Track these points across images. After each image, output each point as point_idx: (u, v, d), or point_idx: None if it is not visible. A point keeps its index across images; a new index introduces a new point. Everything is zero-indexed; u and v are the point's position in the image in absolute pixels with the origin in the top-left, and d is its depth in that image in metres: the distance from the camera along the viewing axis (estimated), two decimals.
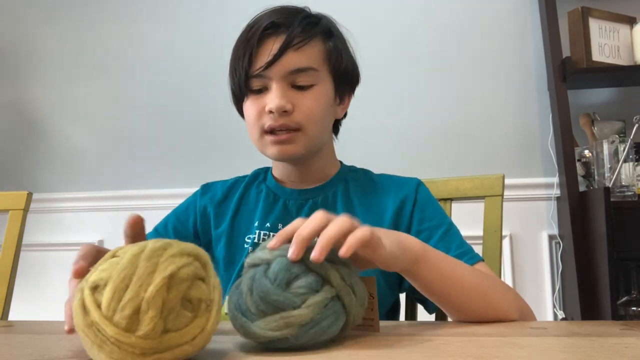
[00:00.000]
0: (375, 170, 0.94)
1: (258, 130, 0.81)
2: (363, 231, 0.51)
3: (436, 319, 0.89)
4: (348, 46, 0.88)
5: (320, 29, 0.83)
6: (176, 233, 0.91)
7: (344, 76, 0.86)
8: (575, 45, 1.81)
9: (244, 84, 0.81)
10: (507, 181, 1.01)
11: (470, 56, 1.99)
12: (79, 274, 0.50)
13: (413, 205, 0.84)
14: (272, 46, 0.79)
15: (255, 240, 0.85)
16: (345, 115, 0.92)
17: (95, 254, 0.53)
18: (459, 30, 2.00)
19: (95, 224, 2.18)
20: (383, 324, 0.61)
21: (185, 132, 2.17)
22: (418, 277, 0.63)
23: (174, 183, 2.13)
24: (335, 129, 0.92)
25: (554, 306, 1.86)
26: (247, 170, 0.97)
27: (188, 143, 2.16)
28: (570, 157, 1.75)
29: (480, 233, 0.96)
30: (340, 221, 0.51)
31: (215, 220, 0.90)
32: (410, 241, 0.62)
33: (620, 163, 1.66)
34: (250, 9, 0.85)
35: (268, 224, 0.86)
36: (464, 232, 0.83)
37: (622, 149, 1.67)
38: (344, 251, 0.49)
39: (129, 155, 2.21)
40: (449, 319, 0.71)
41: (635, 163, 1.66)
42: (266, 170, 0.95)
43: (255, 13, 0.84)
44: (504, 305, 0.67)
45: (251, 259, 0.53)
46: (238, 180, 0.95)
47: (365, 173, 0.93)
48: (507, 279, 1.88)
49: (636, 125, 1.68)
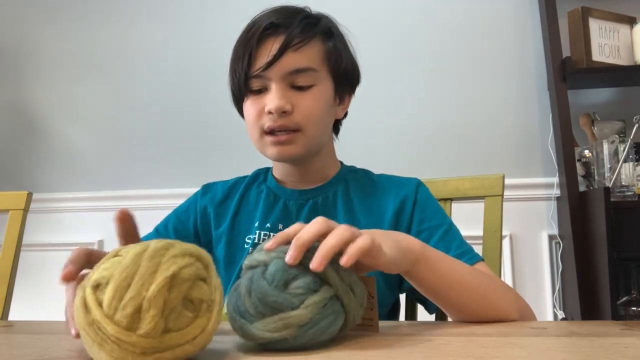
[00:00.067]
0: (376, 170, 0.94)
1: (258, 131, 0.81)
2: (363, 240, 0.51)
3: (436, 319, 0.89)
4: (348, 46, 0.88)
5: (319, 29, 0.82)
6: (176, 233, 0.91)
7: (344, 76, 0.86)
8: (575, 45, 1.81)
9: (243, 85, 0.81)
10: (507, 181, 1.01)
11: (470, 56, 1.99)
12: (67, 278, 0.50)
13: (413, 206, 0.84)
14: (272, 47, 0.79)
15: (256, 240, 0.85)
16: (345, 115, 0.92)
17: (86, 257, 0.52)
18: (459, 30, 2.00)
19: (95, 224, 2.18)
20: (383, 324, 0.61)
21: (185, 132, 2.17)
22: (418, 278, 0.63)
23: (174, 183, 2.13)
24: (336, 129, 0.92)
25: (554, 306, 1.86)
26: (248, 170, 0.97)
27: (188, 143, 2.17)
28: (570, 157, 1.75)
29: (480, 233, 0.96)
30: (340, 230, 0.51)
31: (215, 221, 0.90)
32: (409, 241, 0.62)
33: (620, 163, 1.66)
34: (250, 9, 0.85)
35: (268, 224, 0.86)
36: (464, 232, 0.83)
37: (622, 149, 1.67)
38: (344, 261, 0.50)
39: (129, 155, 2.21)
40: (449, 319, 0.71)
41: (635, 163, 1.66)
42: (266, 170, 0.95)
43: (255, 13, 0.84)
44: (504, 305, 0.67)
45: (249, 260, 0.53)
46: (238, 181, 0.95)
47: (366, 173, 0.93)
48: (507, 279, 1.88)
49: (636, 125, 1.68)
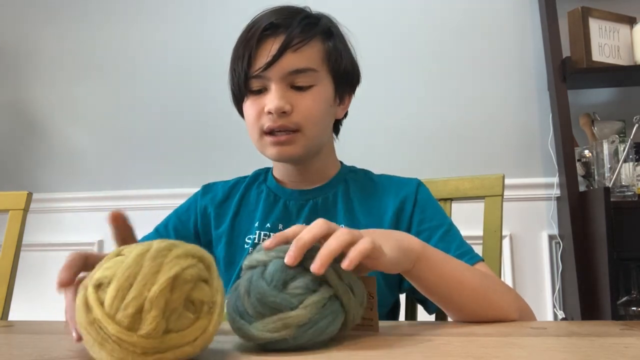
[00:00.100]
0: (376, 170, 0.94)
1: (257, 131, 0.81)
2: (364, 243, 0.51)
3: (436, 319, 0.89)
4: (348, 46, 0.88)
5: (319, 30, 0.82)
6: (177, 233, 0.91)
7: (344, 76, 0.86)
8: (575, 45, 1.81)
9: (243, 85, 0.81)
10: (507, 181, 1.01)
11: (470, 56, 1.99)
12: (64, 284, 0.50)
13: (413, 206, 0.84)
14: (271, 47, 0.79)
15: (256, 240, 0.85)
16: (345, 116, 0.92)
17: (82, 261, 0.52)
18: (459, 30, 2.00)
19: (95, 224, 2.17)
20: (383, 324, 0.61)
21: (185, 132, 2.17)
22: (418, 277, 0.63)
23: (174, 183, 2.13)
24: (336, 129, 0.92)
25: (554, 306, 1.86)
26: (248, 170, 0.97)
27: (188, 143, 2.17)
28: (570, 157, 1.75)
29: (480, 233, 0.96)
30: (341, 234, 0.51)
31: (215, 221, 0.90)
32: (410, 241, 0.62)
33: (620, 163, 1.66)
34: (250, 9, 0.85)
35: (268, 225, 0.86)
36: (464, 232, 0.83)
37: (622, 149, 1.67)
38: (346, 265, 0.49)
39: (129, 155, 2.21)
40: (449, 319, 0.71)
41: (635, 163, 1.66)
42: (267, 170, 0.95)
43: (255, 13, 0.84)
44: (504, 305, 0.67)
45: (248, 261, 0.53)
46: (239, 181, 0.95)
47: (366, 173, 0.93)
48: (507, 279, 1.88)
49: (636, 125, 1.68)
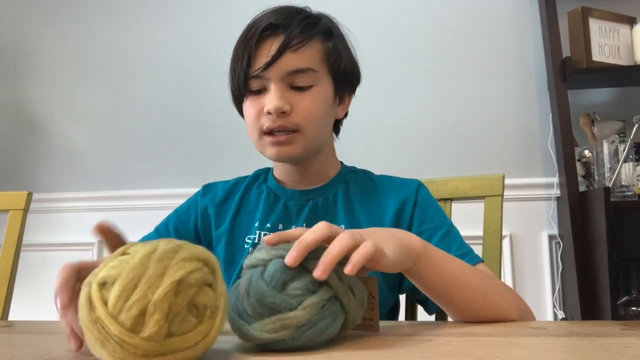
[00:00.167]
0: (376, 170, 0.94)
1: (257, 131, 0.81)
2: (367, 247, 0.51)
3: (436, 319, 0.89)
4: (348, 46, 0.88)
5: (319, 30, 0.82)
6: (177, 233, 0.91)
7: (344, 76, 0.85)
8: (575, 45, 1.81)
9: (243, 85, 0.81)
10: (507, 181, 1.01)
11: (470, 56, 1.99)
12: (66, 307, 0.50)
13: (413, 207, 0.84)
14: (271, 47, 0.78)
15: (256, 240, 0.85)
16: (346, 116, 0.91)
17: (75, 275, 0.52)
18: (459, 30, 2.00)
19: (95, 224, 2.17)
20: (383, 324, 0.61)
21: (185, 132, 2.17)
22: (419, 276, 0.63)
23: (174, 183, 2.13)
24: (336, 129, 0.92)
25: (554, 306, 1.86)
26: (248, 170, 0.97)
27: (188, 143, 2.16)
28: (570, 157, 1.75)
29: (480, 233, 0.96)
30: (344, 238, 0.51)
31: (215, 221, 0.90)
32: (411, 239, 0.62)
33: (620, 163, 1.66)
34: (250, 9, 0.85)
35: (268, 225, 0.86)
36: (463, 232, 0.83)
37: (622, 149, 1.67)
38: (349, 270, 0.50)
39: (129, 155, 2.21)
40: (449, 319, 0.71)
41: (635, 163, 1.66)
42: (267, 170, 0.95)
43: (255, 13, 0.83)
44: (504, 305, 0.67)
45: (249, 260, 0.53)
46: (239, 181, 0.95)
47: (366, 174, 0.93)
48: (507, 279, 1.88)
49: (636, 125, 1.68)
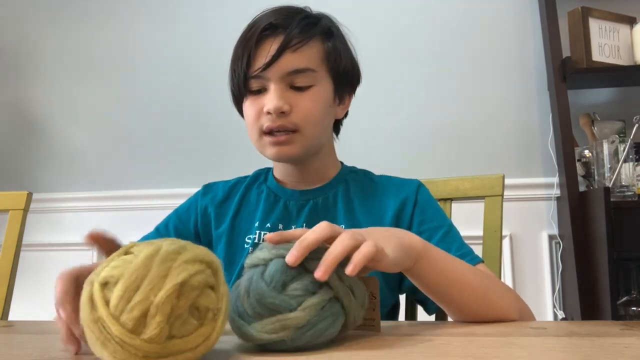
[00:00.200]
0: (375, 170, 0.94)
1: (257, 131, 0.81)
2: (368, 247, 0.51)
3: (436, 319, 0.89)
4: (348, 46, 0.88)
5: (319, 30, 0.82)
6: (177, 233, 0.91)
7: (344, 76, 0.85)
8: (575, 45, 1.81)
9: (242, 85, 0.81)
10: (507, 181, 1.01)
11: (470, 56, 1.99)
12: (70, 319, 0.50)
13: (413, 207, 0.84)
14: (270, 47, 0.79)
15: (256, 240, 0.85)
16: (346, 115, 0.91)
17: (74, 284, 0.52)
18: (459, 30, 2.00)
19: (95, 224, 2.15)
20: (383, 324, 0.61)
21: (185, 132, 2.17)
22: (419, 275, 0.63)
23: (174, 183, 2.13)
24: (336, 129, 0.92)
25: (554, 306, 1.86)
26: (248, 170, 0.97)
27: (188, 143, 2.16)
28: (570, 157, 1.75)
29: (480, 233, 0.96)
30: (344, 238, 0.51)
31: (216, 221, 0.90)
32: (411, 239, 0.62)
33: (620, 163, 1.66)
34: (250, 9, 0.85)
35: (268, 225, 0.86)
36: (463, 232, 0.83)
37: (622, 149, 1.67)
38: (350, 270, 0.50)
39: (129, 155, 2.21)
40: (449, 319, 0.71)
41: (635, 163, 1.66)
42: (267, 170, 0.95)
43: (255, 13, 0.84)
44: (504, 305, 0.67)
45: (250, 259, 0.53)
46: (239, 181, 0.95)
47: (366, 174, 0.93)
48: (507, 279, 1.88)
49: (636, 125, 1.68)
